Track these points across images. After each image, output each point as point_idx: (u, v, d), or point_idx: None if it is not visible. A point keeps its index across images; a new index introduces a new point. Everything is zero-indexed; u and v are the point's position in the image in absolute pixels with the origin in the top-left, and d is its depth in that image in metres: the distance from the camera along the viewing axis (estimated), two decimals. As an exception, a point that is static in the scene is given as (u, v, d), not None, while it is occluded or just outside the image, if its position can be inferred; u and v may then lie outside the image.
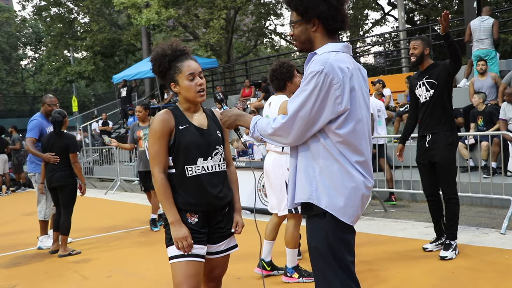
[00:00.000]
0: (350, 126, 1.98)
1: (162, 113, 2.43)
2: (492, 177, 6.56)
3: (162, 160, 2.39)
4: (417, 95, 4.56)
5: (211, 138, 2.47)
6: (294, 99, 2.00)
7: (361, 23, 24.95)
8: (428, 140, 4.46)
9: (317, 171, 2.00)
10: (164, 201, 2.39)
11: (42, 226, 5.96)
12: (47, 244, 5.94)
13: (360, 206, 2.03)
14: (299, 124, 1.97)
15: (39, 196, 5.87)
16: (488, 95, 8.32)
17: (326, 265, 2.01)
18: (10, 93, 36.01)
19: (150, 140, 2.41)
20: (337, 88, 1.93)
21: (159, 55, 2.44)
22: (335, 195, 1.98)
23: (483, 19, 8.62)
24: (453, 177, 4.49)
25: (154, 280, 4.37)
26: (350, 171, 1.99)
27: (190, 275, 2.36)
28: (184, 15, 18.00)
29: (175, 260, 2.38)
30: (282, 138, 2.02)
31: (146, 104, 7.00)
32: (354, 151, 2.00)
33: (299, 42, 2.13)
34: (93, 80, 25.28)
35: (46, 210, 5.87)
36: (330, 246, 1.99)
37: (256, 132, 2.10)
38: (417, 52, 4.46)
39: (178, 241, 2.34)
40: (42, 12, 24.46)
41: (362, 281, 3.73)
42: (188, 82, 2.41)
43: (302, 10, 2.05)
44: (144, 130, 6.62)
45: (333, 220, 1.99)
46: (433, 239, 4.72)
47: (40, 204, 5.88)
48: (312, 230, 2.07)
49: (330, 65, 1.94)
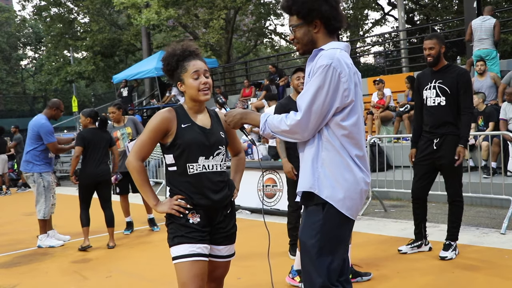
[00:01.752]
0: (354, 119, 2.05)
1: (165, 111, 2.45)
2: (492, 177, 6.56)
3: (144, 151, 2.43)
4: (424, 96, 4.42)
5: (214, 138, 2.47)
6: (305, 94, 2.03)
7: (361, 23, 24.95)
8: (436, 142, 4.35)
9: (320, 163, 2.05)
10: (143, 187, 2.43)
11: (42, 225, 5.96)
12: (47, 243, 5.98)
13: (359, 200, 2.07)
14: (313, 119, 2.01)
15: (38, 195, 5.86)
16: (488, 95, 8.32)
17: (310, 263, 2.05)
18: (10, 93, 35.99)
19: (144, 130, 2.45)
20: (344, 81, 2.00)
21: (168, 54, 2.49)
22: (336, 187, 2.03)
23: (484, 19, 8.61)
24: (460, 180, 4.43)
25: (154, 280, 4.37)
26: (350, 164, 2.04)
27: (196, 275, 2.36)
28: (184, 15, 17.99)
29: (180, 260, 2.37)
30: (298, 134, 2.06)
31: (118, 104, 6.89)
32: (355, 145, 2.06)
33: (302, 44, 2.17)
34: (93, 80, 25.27)
35: (45, 209, 5.87)
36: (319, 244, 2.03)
37: (267, 129, 2.12)
38: (434, 53, 4.29)
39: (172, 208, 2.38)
40: (42, 12, 24.46)
41: (362, 281, 3.74)
42: (192, 80, 2.43)
43: (305, 13, 2.09)
44: (120, 130, 6.55)
45: (331, 213, 2.02)
46: (410, 241, 4.66)
47: (39, 203, 5.87)
48: (305, 225, 2.11)
49: (337, 59, 2.00)
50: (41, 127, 5.81)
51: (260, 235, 5.42)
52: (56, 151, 5.97)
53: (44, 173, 5.87)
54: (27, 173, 5.91)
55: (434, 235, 5.04)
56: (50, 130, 5.85)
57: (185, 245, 2.37)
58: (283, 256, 4.69)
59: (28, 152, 5.87)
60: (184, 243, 2.38)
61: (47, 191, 5.85)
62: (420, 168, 4.52)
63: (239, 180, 2.72)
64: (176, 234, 2.40)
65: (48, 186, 5.88)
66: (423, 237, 4.60)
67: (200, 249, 2.39)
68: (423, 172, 4.50)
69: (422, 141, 4.51)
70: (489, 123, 7.62)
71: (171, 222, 2.45)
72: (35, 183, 5.86)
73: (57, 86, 26.56)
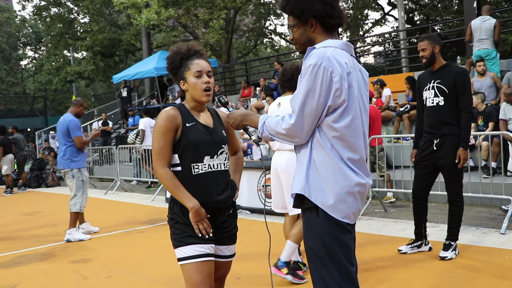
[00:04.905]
0: (346, 121, 1.97)
1: (168, 110, 2.42)
2: (492, 177, 6.56)
3: (167, 156, 2.37)
4: (424, 97, 4.43)
5: (217, 137, 2.47)
6: (296, 96, 1.99)
7: (361, 23, 24.97)
8: (436, 143, 4.34)
9: (311, 165, 2.01)
10: (177, 192, 2.35)
11: (74, 219, 6.21)
12: (77, 236, 6.18)
13: (353, 203, 2.01)
14: (307, 121, 1.97)
15: (77, 189, 6.21)
16: (488, 95, 8.32)
17: (322, 266, 2.00)
18: (10, 93, 36.02)
19: (155, 135, 2.39)
20: (336, 81, 1.94)
21: (173, 52, 2.49)
22: (325, 190, 1.98)
23: (484, 19, 8.61)
24: (460, 180, 4.42)
25: (154, 280, 4.37)
26: (342, 167, 1.98)
27: (207, 275, 2.35)
28: (184, 15, 18.01)
29: (190, 261, 2.34)
30: (294, 138, 2.02)
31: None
32: (348, 148, 1.99)
33: (300, 44, 2.15)
34: (93, 80, 25.31)
35: (82, 202, 6.26)
36: (325, 246, 1.99)
37: (265, 132, 2.09)
38: (426, 54, 4.31)
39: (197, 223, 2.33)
40: (42, 12, 24.50)
41: (362, 282, 3.75)
42: (194, 79, 2.42)
43: (298, 12, 2.07)
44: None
45: (327, 218, 1.98)
46: (410, 241, 4.66)
47: (75, 197, 6.21)
48: (307, 230, 2.07)
49: (328, 58, 1.94)
50: (69, 122, 6.22)
51: (260, 235, 5.43)
52: (81, 144, 6.26)
53: (82, 169, 6.30)
54: (66, 169, 6.23)
55: (434, 235, 5.04)
56: (78, 125, 6.30)
57: (193, 246, 2.35)
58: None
59: (65, 150, 6.23)
60: (192, 243, 2.35)
61: (84, 186, 6.28)
62: (421, 169, 4.52)
63: (238, 179, 2.71)
64: (183, 234, 2.37)
65: (85, 181, 6.34)
66: (423, 237, 4.60)
67: (208, 249, 2.37)
68: (423, 173, 4.50)
69: (422, 141, 4.51)
70: (488, 123, 7.62)
71: (176, 222, 2.41)
72: (74, 178, 6.23)
73: (57, 86, 26.59)
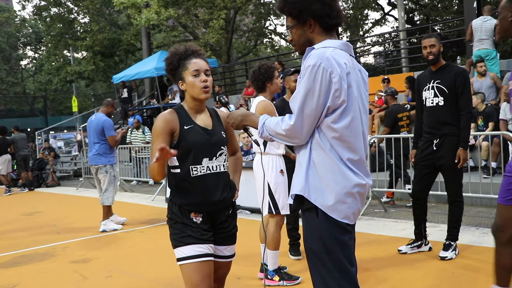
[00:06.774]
0: (346, 121, 1.97)
1: (166, 113, 2.44)
2: (492, 177, 6.56)
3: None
4: (423, 97, 4.43)
5: (216, 139, 2.47)
6: (296, 97, 1.99)
7: (361, 23, 24.97)
8: (436, 143, 4.35)
9: (311, 165, 2.01)
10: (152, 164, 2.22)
11: (106, 212, 6.70)
12: (111, 226, 6.67)
13: (353, 203, 2.00)
14: (307, 121, 1.97)
15: (109, 184, 6.66)
16: (487, 95, 8.32)
17: (322, 267, 2.00)
18: (10, 93, 36.01)
19: (152, 138, 2.42)
20: (336, 81, 1.93)
21: (171, 53, 2.50)
22: (325, 191, 1.98)
23: (485, 19, 8.61)
24: (460, 180, 4.42)
25: (154, 280, 4.37)
26: (341, 167, 1.98)
27: (206, 275, 2.35)
28: (184, 15, 18.00)
29: (189, 261, 2.35)
30: (294, 138, 2.02)
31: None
32: (347, 148, 1.98)
33: (299, 45, 2.13)
34: (93, 80, 25.28)
35: (113, 196, 6.74)
36: (325, 246, 1.98)
37: (265, 132, 2.09)
38: (435, 50, 4.32)
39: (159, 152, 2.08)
40: (42, 12, 24.47)
41: (362, 282, 3.75)
42: (192, 78, 2.42)
43: (296, 13, 2.06)
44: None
45: (326, 219, 1.98)
46: (410, 241, 4.66)
47: (108, 191, 6.67)
48: (307, 230, 2.06)
49: (327, 58, 1.93)
50: (104, 122, 6.64)
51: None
52: (114, 142, 6.70)
53: (114, 165, 6.78)
54: (100, 165, 6.65)
55: (434, 235, 5.04)
56: (112, 125, 6.75)
57: (192, 246, 2.35)
58: (282, 256, 4.69)
59: (99, 147, 6.63)
60: (191, 243, 2.36)
61: (115, 181, 6.80)
62: (421, 169, 4.51)
63: (238, 180, 2.71)
64: (182, 234, 2.38)
65: (116, 176, 6.87)
66: (423, 237, 4.60)
67: (207, 249, 2.38)
68: (423, 173, 4.49)
69: (422, 141, 4.51)
70: (488, 123, 7.62)
71: (175, 222, 2.42)
72: (107, 174, 6.67)
73: (57, 86, 26.58)
